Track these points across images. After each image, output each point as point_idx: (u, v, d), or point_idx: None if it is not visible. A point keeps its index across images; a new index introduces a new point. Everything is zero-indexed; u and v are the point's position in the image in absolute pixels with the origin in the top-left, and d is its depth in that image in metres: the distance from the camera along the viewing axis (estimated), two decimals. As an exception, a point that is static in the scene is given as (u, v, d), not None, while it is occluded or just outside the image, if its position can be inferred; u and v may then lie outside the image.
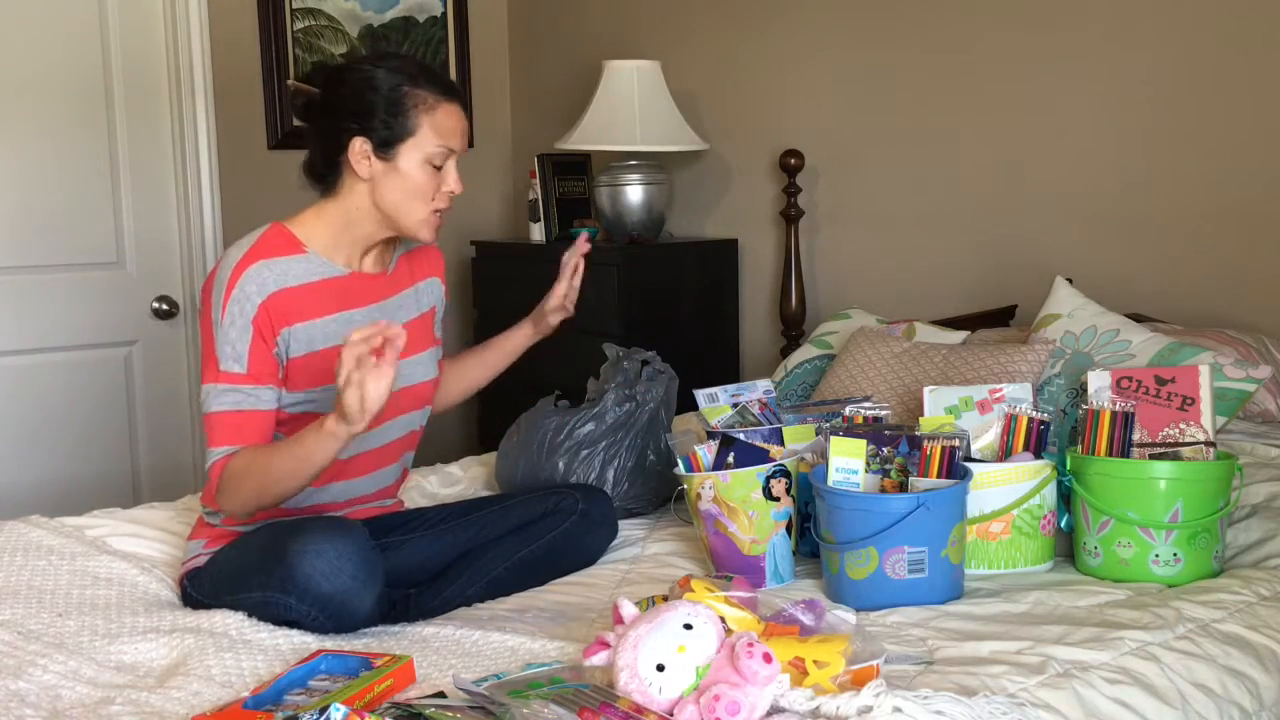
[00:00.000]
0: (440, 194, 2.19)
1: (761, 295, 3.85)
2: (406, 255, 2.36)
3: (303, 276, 2.16)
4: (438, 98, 2.17)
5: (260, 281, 2.11)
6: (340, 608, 1.97)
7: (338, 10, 4.16)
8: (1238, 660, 1.82)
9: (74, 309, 3.65)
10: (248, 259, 2.13)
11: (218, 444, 2.09)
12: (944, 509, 2.00)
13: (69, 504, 2.95)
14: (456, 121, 2.19)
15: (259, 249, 2.15)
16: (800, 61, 3.67)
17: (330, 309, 2.18)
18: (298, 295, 2.14)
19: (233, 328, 2.09)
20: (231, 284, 2.10)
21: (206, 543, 2.22)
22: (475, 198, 4.45)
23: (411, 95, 2.15)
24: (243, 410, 2.09)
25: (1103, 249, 3.06)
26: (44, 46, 3.55)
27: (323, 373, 2.15)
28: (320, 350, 2.16)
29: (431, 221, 2.21)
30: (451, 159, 2.19)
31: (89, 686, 1.80)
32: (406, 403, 2.29)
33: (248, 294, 2.10)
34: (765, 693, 1.47)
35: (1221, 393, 2.39)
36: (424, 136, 2.15)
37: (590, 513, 2.35)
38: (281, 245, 2.17)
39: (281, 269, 2.14)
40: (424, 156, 2.16)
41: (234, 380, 2.09)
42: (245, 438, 2.09)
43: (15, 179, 3.55)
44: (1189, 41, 2.89)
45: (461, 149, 2.21)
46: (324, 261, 2.19)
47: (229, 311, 2.09)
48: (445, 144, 2.17)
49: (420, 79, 2.18)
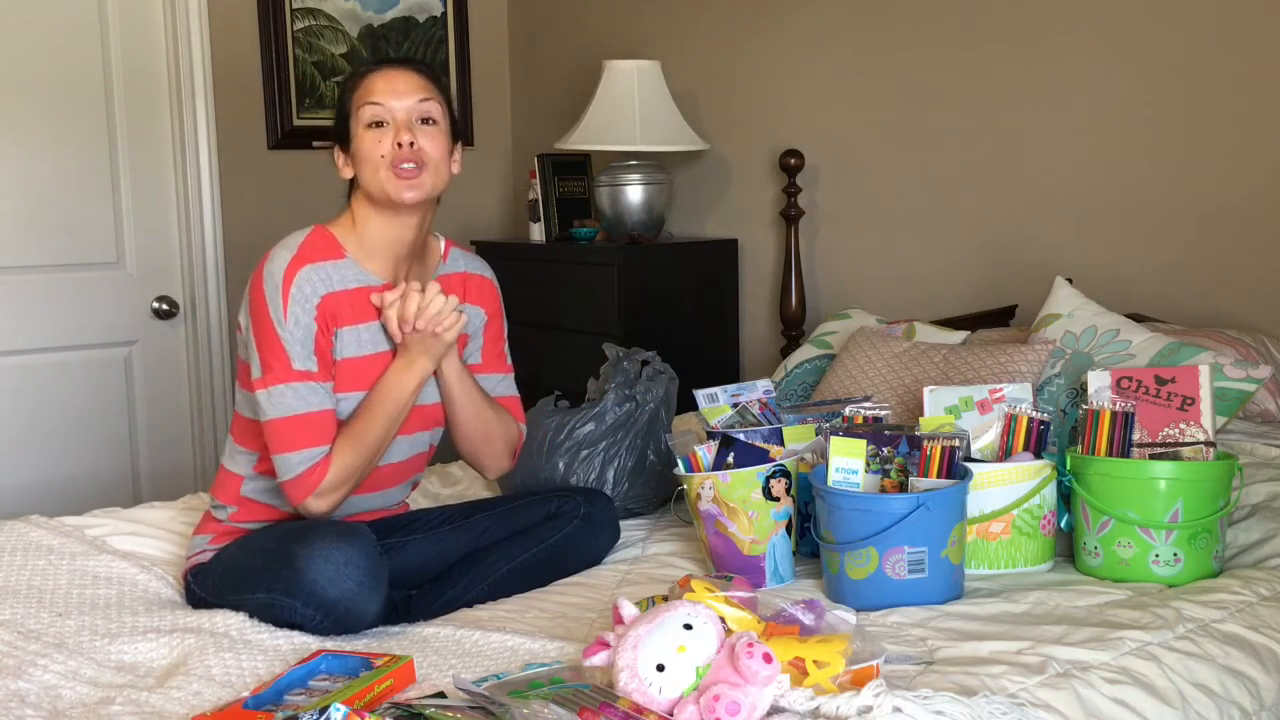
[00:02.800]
0: (390, 148, 2.15)
1: (761, 295, 3.85)
2: (445, 278, 2.31)
3: (345, 282, 2.17)
4: (365, 72, 2.22)
5: (314, 283, 2.13)
6: (345, 613, 1.98)
7: (338, 10, 4.16)
8: (1238, 660, 1.82)
9: (74, 309, 3.66)
10: (298, 261, 2.14)
11: (305, 445, 2.09)
12: (944, 509, 2.00)
13: (69, 504, 2.95)
14: (386, 82, 2.18)
15: (307, 252, 2.15)
16: (800, 62, 3.67)
17: (366, 317, 2.19)
18: (340, 300, 2.16)
19: (298, 327, 2.10)
20: (288, 284, 2.11)
21: (212, 538, 2.22)
22: (475, 198, 4.46)
23: (347, 86, 2.24)
24: (324, 410, 2.12)
25: (1103, 249, 3.06)
26: (44, 47, 3.55)
27: (353, 379, 2.17)
28: (354, 358, 2.17)
29: (395, 178, 2.15)
30: (393, 114, 2.16)
31: (89, 686, 1.80)
32: (418, 422, 2.27)
33: (306, 295, 2.11)
34: (765, 693, 1.47)
35: (1221, 393, 2.39)
36: (356, 106, 2.19)
37: (593, 516, 2.35)
38: (324, 249, 2.18)
39: (327, 273, 2.15)
40: (362, 124, 2.18)
41: (311, 378, 2.11)
42: (329, 438, 2.12)
43: (15, 179, 3.55)
44: (1189, 42, 2.89)
45: (401, 104, 2.16)
46: (360, 269, 2.20)
47: (291, 312, 2.10)
48: (370, 100, 2.17)
49: (356, 69, 2.28)
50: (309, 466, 2.09)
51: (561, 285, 3.86)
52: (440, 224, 2.33)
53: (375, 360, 2.20)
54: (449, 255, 2.36)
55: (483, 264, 2.44)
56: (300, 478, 2.09)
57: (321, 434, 2.10)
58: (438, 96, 2.21)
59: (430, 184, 2.17)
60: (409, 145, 2.15)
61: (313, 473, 2.09)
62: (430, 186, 2.18)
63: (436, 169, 2.18)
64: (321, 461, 2.10)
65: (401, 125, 2.16)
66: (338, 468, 2.11)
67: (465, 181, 4.53)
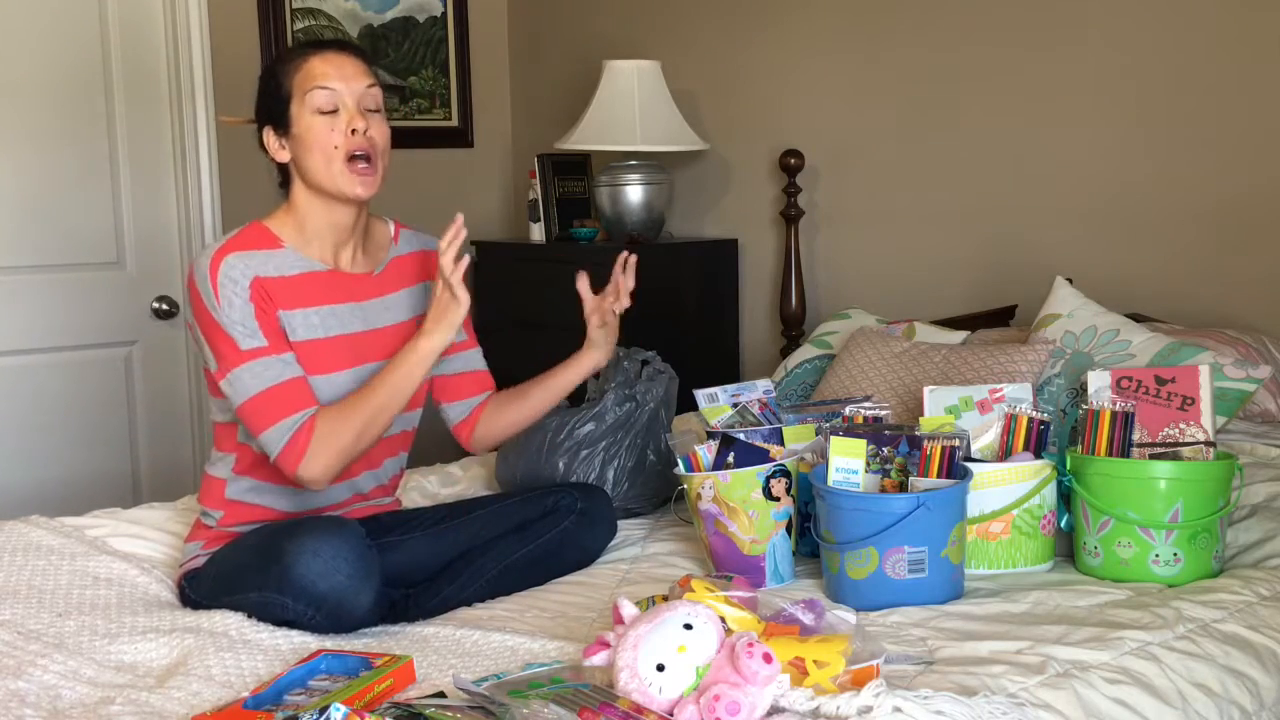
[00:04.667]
0: (342, 136, 2.13)
1: (761, 295, 3.85)
2: (400, 259, 2.33)
3: (280, 269, 2.16)
4: (305, 53, 2.19)
5: (240, 268, 2.12)
6: (337, 607, 1.97)
7: (338, 10, 4.16)
8: (1238, 660, 1.82)
9: (74, 309, 3.65)
10: (223, 251, 2.14)
11: (280, 416, 2.08)
12: (944, 509, 2.00)
13: (69, 504, 2.94)
14: (333, 66, 2.16)
15: (235, 243, 2.16)
16: (800, 62, 3.67)
17: (310, 301, 2.18)
18: (278, 285, 2.15)
19: (233, 309, 2.10)
20: (214, 272, 2.10)
21: (204, 544, 2.22)
22: (475, 198, 4.46)
23: (283, 67, 2.19)
24: (288, 379, 2.10)
25: (1103, 249, 3.06)
26: (44, 46, 3.54)
27: (320, 361, 2.16)
28: (301, 341, 2.16)
29: (349, 172, 2.14)
30: (343, 100, 2.14)
31: (89, 686, 1.80)
32: None
33: (234, 278, 2.11)
34: (765, 693, 1.47)
35: (1221, 393, 2.38)
36: (300, 90, 2.15)
37: (589, 511, 2.35)
38: (257, 240, 2.18)
39: (259, 260, 2.15)
40: (310, 109, 2.14)
41: (263, 354, 2.10)
42: (302, 401, 2.10)
43: (15, 178, 3.55)
44: (1189, 42, 2.89)
45: (350, 89, 2.15)
46: (300, 257, 2.19)
47: (223, 297, 2.09)
48: (320, 84, 2.14)
49: (291, 50, 2.24)
50: (291, 435, 2.08)
51: (561, 285, 3.84)
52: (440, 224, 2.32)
53: (337, 343, 2.19)
54: (400, 237, 2.36)
55: (434, 240, 2.38)
56: (285, 449, 2.08)
57: (291, 403, 2.09)
58: (378, 81, 2.21)
59: (380, 177, 2.18)
60: (364, 133, 2.14)
61: (296, 440, 2.08)
62: (380, 179, 2.18)
63: (384, 157, 2.19)
64: (304, 426, 2.08)
65: (354, 112, 2.14)
66: (322, 431, 2.09)
67: (465, 181, 4.56)
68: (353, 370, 2.20)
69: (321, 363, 2.17)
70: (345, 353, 2.20)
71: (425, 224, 2.41)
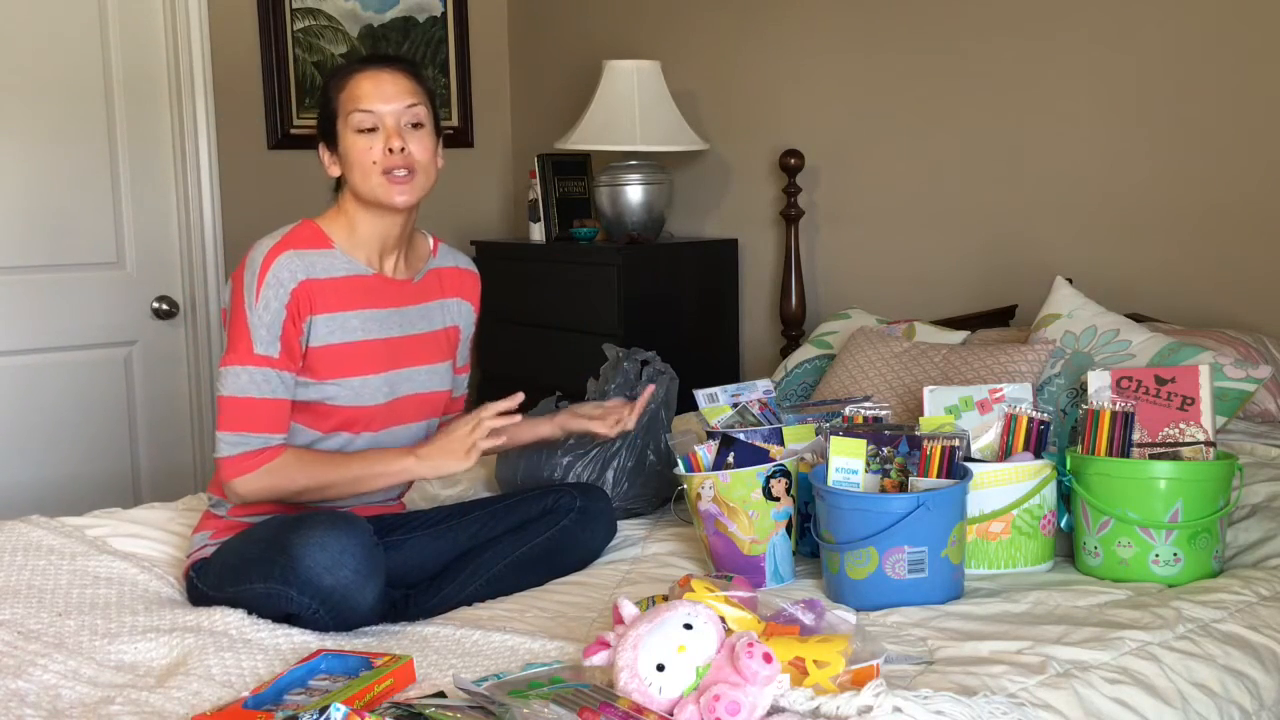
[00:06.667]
0: (381, 154, 2.19)
1: (761, 295, 3.85)
2: (439, 271, 2.39)
3: (330, 270, 2.21)
4: (350, 72, 2.24)
5: (293, 269, 2.17)
6: (341, 602, 1.98)
7: (338, 10, 4.16)
8: (1238, 660, 1.82)
9: (74, 309, 3.65)
10: (280, 247, 2.18)
11: (249, 429, 2.14)
12: (944, 509, 2.00)
13: (69, 504, 2.95)
14: (374, 85, 2.21)
15: (291, 240, 2.21)
16: (800, 62, 3.67)
17: (353, 305, 2.23)
18: (324, 287, 2.20)
19: (267, 311, 2.14)
20: (265, 269, 2.15)
21: (213, 534, 2.24)
22: (475, 198, 4.46)
23: (332, 86, 2.25)
24: (275, 398, 2.15)
25: (1103, 249, 3.06)
26: (44, 47, 3.55)
27: (338, 365, 2.20)
28: (339, 344, 2.20)
29: (387, 183, 2.20)
30: (383, 120, 2.19)
31: (89, 686, 1.80)
32: (417, 410, 2.31)
33: (281, 280, 2.15)
34: (765, 693, 1.47)
35: (1221, 393, 2.39)
36: (344, 110, 2.21)
37: (588, 510, 2.36)
38: (310, 239, 2.23)
39: (310, 260, 2.20)
40: (350, 127, 2.20)
41: (269, 364, 2.14)
42: (275, 425, 2.15)
43: (15, 179, 3.55)
44: (1188, 41, 2.89)
45: (390, 109, 2.20)
46: (349, 259, 2.25)
47: (263, 296, 2.14)
48: (359, 106, 2.20)
49: (340, 68, 2.29)
50: (247, 450, 2.14)
51: (561, 285, 3.86)
52: (439, 224, 2.35)
53: (375, 346, 2.24)
54: (439, 251, 2.43)
55: (469, 260, 2.50)
56: (236, 458, 2.14)
57: (264, 422, 2.15)
58: (423, 98, 2.25)
59: (421, 186, 2.24)
60: (400, 150, 2.19)
61: (249, 457, 2.14)
62: (421, 188, 2.24)
63: (425, 171, 2.24)
64: (264, 450, 2.14)
65: (392, 131, 2.20)
66: (278, 465, 2.15)
67: (465, 181, 4.56)
68: (386, 374, 2.25)
69: (359, 365, 2.22)
70: (382, 356, 2.25)
71: (425, 223, 2.42)
